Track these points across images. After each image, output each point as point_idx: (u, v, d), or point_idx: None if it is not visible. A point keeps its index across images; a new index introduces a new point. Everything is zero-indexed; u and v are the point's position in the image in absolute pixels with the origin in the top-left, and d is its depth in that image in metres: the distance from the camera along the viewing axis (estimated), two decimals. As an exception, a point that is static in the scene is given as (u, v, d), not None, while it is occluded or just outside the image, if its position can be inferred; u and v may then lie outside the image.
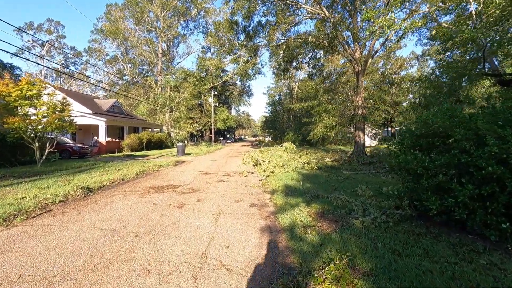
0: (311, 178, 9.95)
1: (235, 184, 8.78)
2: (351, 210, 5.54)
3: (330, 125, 19.14)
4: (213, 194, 7.25)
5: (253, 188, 8.22)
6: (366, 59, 19.21)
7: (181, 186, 8.24)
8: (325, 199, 6.49)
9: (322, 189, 7.94)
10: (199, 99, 48.04)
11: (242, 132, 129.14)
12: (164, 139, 31.69)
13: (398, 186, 5.77)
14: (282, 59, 25.59)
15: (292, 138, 39.56)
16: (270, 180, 9.57)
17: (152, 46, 42.09)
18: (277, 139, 50.36)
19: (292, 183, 8.82)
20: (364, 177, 10.29)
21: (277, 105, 51.23)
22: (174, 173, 11.34)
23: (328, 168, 13.43)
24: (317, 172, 11.60)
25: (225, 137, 63.26)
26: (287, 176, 10.36)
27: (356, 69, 19.71)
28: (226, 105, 57.39)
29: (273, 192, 7.60)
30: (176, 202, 6.23)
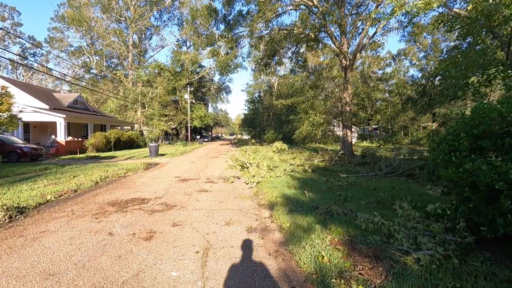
0: (309, 184, 8.48)
1: (221, 195, 7.06)
2: (388, 237, 4.08)
3: (318, 123, 17.91)
4: (195, 212, 5.49)
5: (244, 201, 6.56)
6: (355, 53, 18.19)
7: (151, 200, 6.38)
8: (343, 217, 4.99)
9: (329, 199, 6.47)
10: (174, 95, 45.29)
11: (219, 130, 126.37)
12: (136, 138, 29.00)
13: (446, 203, 4.39)
14: (264, 53, 24.05)
15: (272, 136, 38.25)
16: (263, 188, 7.96)
17: (121, 37, 38.70)
18: (256, 137, 48.91)
19: (291, 192, 7.27)
20: (368, 182, 9.00)
21: (257, 102, 49.69)
22: (145, 179, 9.37)
23: (322, 170, 12.09)
24: (312, 176, 10.17)
25: (202, 135, 60.73)
26: (280, 182, 8.81)
27: (344, 64, 18.63)
28: (203, 102, 54.96)
29: (271, 206, 6.00)
30: (143, 230, 4.41)
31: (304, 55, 26.20)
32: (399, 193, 7.34)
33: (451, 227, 4.06)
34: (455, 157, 3.92)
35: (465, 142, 3.90)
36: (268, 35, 21.26)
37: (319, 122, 17.91)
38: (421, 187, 8.42)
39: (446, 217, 4.03)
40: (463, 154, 3.94)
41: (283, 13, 19.63)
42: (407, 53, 52.84)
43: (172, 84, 41.38)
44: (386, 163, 12.23)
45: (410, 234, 3.95)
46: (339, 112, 19.19)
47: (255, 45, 25.07)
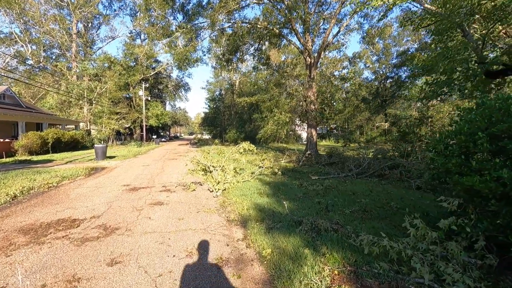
0: (282, 189, 7.54)
1: (181, 209, 5.75)
2: (398, 263, 3.23)
3: (283, 122, 17.23)
4: (145, 237, 4.15)
5: (209, 215, 5.35)
6: (319, 51, 17.86)
7: (85, 222, 4.84)
8: (333, 235, 4.08)
9: (309, 209, 5.58)
10: (127, 91, 41.63)
11: (178, 129, 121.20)
12: (81, 138, 25.65)
13: (460, 217, 3.69)
14: (226, 48, 22.80)
15: (234, 136, 37.08)
16: (230, 196, 6.81)
17: (63, 25, 34.21)
18: (218, 137, 47.34)
19: (264, 201, 6.24)
20: (342, 184, 8.37)
21: (218, 100, 48.01)
22: (83, 190, 7.59)
23: (291, 171, 11.31)
24: (283, 179, 9.28)
25: (159, 135, 57.13)
26: (250, 188, 7.74)
27: (308, 61, 18.22)
28: (160, 99, 51.64)
29: (243, 222, 4.89)
30: (60, 277, 2.98)
31: (267, 52, 25.53)
32: (378, 197, 6.75)
33: (469, 244, 3.36)
34: (475, 162, 3.21)
35: (485, 144, 3.21)
36: (231, 28, 20.08)
37: (284, 121, 17.24)
38: (395, 189, 8.01)
39: (463, 235, 3.30)
40: (482, 158, 3.26)
41: (246, 6, 18.61)
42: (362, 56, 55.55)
43: (125, 79, 37.87)
44: (354, 163, 11.88)
45: (426, 259, 3.14)
46: (304, 111, 18.76)
47: (216, 40, 23.72)
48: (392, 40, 52.31)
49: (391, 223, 4.80)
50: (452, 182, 3.48)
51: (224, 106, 46.01)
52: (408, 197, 6.89)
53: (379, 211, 5.51)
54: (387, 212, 5.41)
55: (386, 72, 52.20)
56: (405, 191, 7.72)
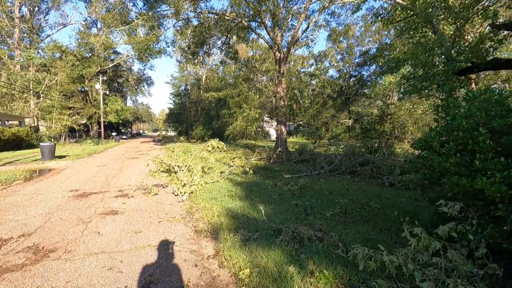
0: (255, 190, 6.95)
1: (139, 219, 4.88)
2: (396, 279, 2.79)
3: (253, 118, 16.65)
4: (88, 261, 3.28)
5: (174, 225, 4.57)
6: (289, 46, 17.53)
7: (10, 242, 3.79)
8: (319, 245, 3.58)
9: (287, 213, 5.05)
10: (81, 84, 38.14)
11: (141, 126, 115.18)
12: (26, 135, 22.79)
13: (461, 222, 3.36)
14: (192, 40, 21.59)
15: (201, 132, 35.78)
16: (198, 200, 6.06)
17: (2, 7, 30.12)
18: (183, 133, 45.53)
19: (236, 205, 5.59)
20: (316, 183, 8.01)
21: (183, 96, 46.01)
22: (17, 198, 6.30)
23: (262, 170, 10.79)
24: (255, 179, 8.70)
25: (119, 132, 53.51)
26: (220, 189, 7.04)
27: (278, 57, 17.83)
28: (120, 94, 48.26)
29: (214, 232, 4.20)
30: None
31: (235, 46, 24.73)
32: (356, 196, 6.45)
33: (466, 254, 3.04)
34: (479, 161, 2.87)
35: (487, 141, 2.88)
36: (197, 18, 18.97)
37: (254, 117, 16.67)
38: (370, 186, 7.85)
39: (463, 243, 2.96)
40: (485, 157, 2.93)
41: (213, -5, 17.60)
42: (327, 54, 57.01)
43: (79, 71, 34.56)
44: (326, 160, 11.69)
45: (428, 274, 2.73)
46: (274, 107, 18.37)
47: (181, 31, 22.37)
48: (355, 40, 54.21)
49: (376, 227, 4.44)
50: (449, 184, 3.13)
51: (190, 102, 44.25)
52: (384, 195, 6.69)
53: (360, 212, 5.16)
54: (368, 214, 5.07)
55: (350, 70, 54.14)
56: (380, 188, 7.57)
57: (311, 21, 18.61)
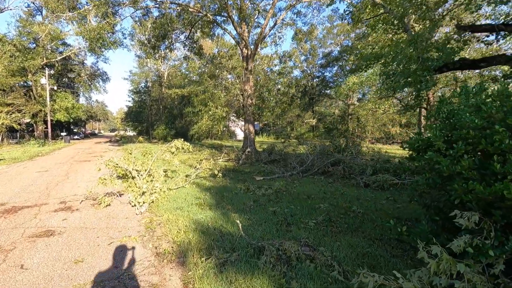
0: (227, 197, 6.21)
1: (83, 242, 3.87)
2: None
3: (220, 116, 15.79)
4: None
5: (128, 247, 3.66)
6: (257, 43, 16.96)
7: None
8: (311, 267, 2.98)
9: (265, 224, 4.41)
10: (23, 78, 33.84)
11: (96, 125, 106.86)
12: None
13: (478, 238, 2.96)
14: (152, 33, 20.04)
15: (163, 132, 33.81)
16: (161, 211, 5.15)
17: None
18: (144, 133, 42.88)
19: (207, 216, 4.80)
20: (291, 185, 7.51)
21: (143, 93, 43.22)
22: None
23: (232, 172, 10.06)
24: (226, 183, 7.94)
25: (70, 132, 48.78)
26: (186, 197, 6.18)
27: (245, 53, 17.19)
28: (71, 90, 43.90)
29: (181, 255, 3.40)
30: None
31: (200, 41, 23.56)
32: (335, 199, 6.04)
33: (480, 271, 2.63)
34: (498, 164, 2.46)
35: (507, 140, 2.49)
36: (157, 9, 17.57)
37: (221, 116, 15.82)
38: (345, 187, 7.53)
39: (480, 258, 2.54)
40: (503, 159, 2.55)
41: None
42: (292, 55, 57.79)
43: (19, 63, 30.54)
44: (297, 161, 11.31)
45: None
46: (242, 105, 17.70)
47: (140, 22, 20.67)
48: (318, 42, 55.60)
49: (366, 236, 3.97)
50: (460, 189, 2.70)
51: (151, 100, 41.74)
52: (363, 197, 6.37)
53: (344, 219, 4.69)
54: (354, 220, 4.62)
55: (313, 71, 55.44)
56: (356, 189, 7.27)
57: (278, 18, 18.24)
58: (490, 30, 7.47)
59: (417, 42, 5.78)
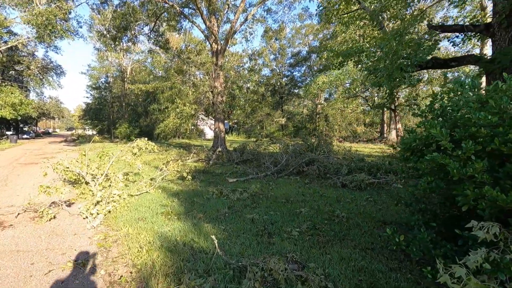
0: (198, 203, 5.54)
1: (10, 271, 3.00)
2: None
3: (188, 114, 14.88)
4: None
5: (72, 277, 2.89)
6: (227, 37, 16.28)
7: None
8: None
9: (243, 235, 3.87)
10: (-43, 69, 29.68)
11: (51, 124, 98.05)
12: None
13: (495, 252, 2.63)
14: (113, 23, 18.43)
15: (126, 131, 31.67)
16: (119, 224, 4.36)
17: None
18: (105, 132, 39.99)
19: (175, 228, 4.13)
20: (267, 187, 7.04)
21: (104, 89, 40.20)
22: None
23: (202, 173, 9.34)
24: (196, 186, 7.24)
25: (19, 130, 44.01)
26: (151, 204, 5.41)
27: (215, 48, 16.45)
28: (19, 84, 39.48)
29: (141, 283, 2.72)
30: None
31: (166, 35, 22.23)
32: (316, 202, 5.65)
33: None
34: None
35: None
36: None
37: (189, 114, 14.91)
38: (323, 188, 7.22)
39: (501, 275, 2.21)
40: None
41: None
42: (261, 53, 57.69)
43: (-48, 51, 26.67)
44: (270, 160, 10.89)
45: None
46: (211, 103, 16.93)
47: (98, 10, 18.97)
48: (287, 41, 56.07)
49: (356, 246, 3.58)
50: (471, 196, 2.37)
51: (113, 96, 38.98)
52: (343, 199, 6.06)
53: (329, 225, 4.29)
54: (340, 227, 4.24)
55: (282, 70, 55.85)
56: (334, 190, 6.98)
57: (249, 13, 17.70)
58: (459, 30, 7.61)
59: (402, 35, 5.60)
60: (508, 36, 6.59)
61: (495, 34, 6.86)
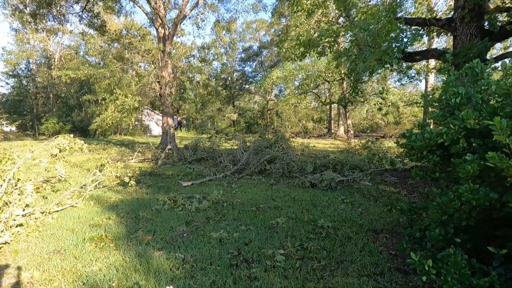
0: (145, 218, 4.26)
1: None
2: None
3: (131, 107, 12.90)
4: None
5: None
6: (176, 22, 14.57)
7: None
8: None
9: (211, 266, 2.81)
10: None
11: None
12: None
13: None
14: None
15: (55, 127, 27.26)
16: (20, 261, 2.89)
17: None
18: (29, 128, 34.17)
19: (110, 265, 2.85)
20: (230, 192, 6.02)
21: (25, 77, 34.09)
22: None
23: (149, 176, 7.89)
24: (142, 194, 5.85)
25: None
26: (76, 225, 3.96)
27: (161, 33, 14.65)
28: None
29: None
30: None
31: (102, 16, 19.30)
32: (291, 209, 4.83)
33: None
34: None
35: None
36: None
37: (132, 106, 12.95)
38: (291, 190, 6.48)
39: None
40: None
41: None
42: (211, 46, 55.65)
43: None
44: (228, 159, 9.86)
45: None
46: (158, 95, 15.09)
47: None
48: (238, 35, 55.06)
49: (361, 272, 2.79)
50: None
51: (37, 86, 33.36)
52: (319, 202, 5.35)
53: (317, 241, 3.47)
54: (331, 243, 3.43)
55: (234, 65, 54.77)
56: (305, 191, 6.27)
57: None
58: (422, 24, 7.52)
59: (395, 11, 5.05)
60: (470, 31, 6.61)
61: (457, 29, 6.86)
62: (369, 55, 5.00)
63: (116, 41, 16.01)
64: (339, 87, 23.29)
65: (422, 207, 3.37)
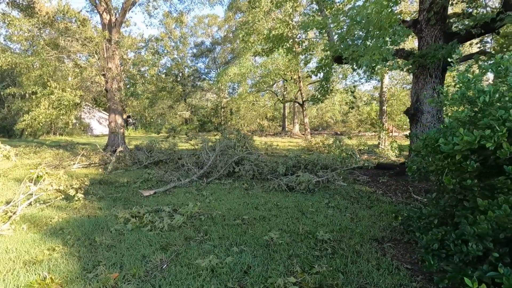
0: (102, 244, 3.32)
1: None
2: None
3: (70, 103, 11.02)
4: None
5: None
6: (125, 7, 12.92)
7: None
8: None
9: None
10: None
11: None
12: None
13: None
14: None
15: (-32, 125, 22.51)
16: None
17: None
18: None
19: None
20: (205, 201, 5.27)
21: None
22: None
23: (100, 185, 6.65)
24: (94, 210, 4.75)
25: None
26: (3, 263, 2.85)
27: (106, 20, 12.94)
28: None
29: None
30: None
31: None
32: (279, 219, 4.31)
33: None
34: None
35: None
36: None
37: (72, 102, 11.09)
38: (269, 194, 5.99)
39: None
40: None
41: None
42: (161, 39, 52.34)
43: None
44: (191, 161, 8.99)
45: None
46: (104, 89, 13.30)
47: None
48: (189, 29, 53.07)
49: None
50: None
51: None
52: (305, 208, 4.93)
53: (326, 260, 3.00)
54: (342, 260, 2.99)
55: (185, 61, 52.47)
56: (285, 196, 5.82)
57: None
58: (390, 24, 7.64)
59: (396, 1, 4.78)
60: (435, 33, 6.86)
61: (423, 30, 7.09)
62: (372, 49, 4.67)
63: (49, 26, 13.61)
64: (296, 86, 23.59)
65: (433, 214, 3.15)
